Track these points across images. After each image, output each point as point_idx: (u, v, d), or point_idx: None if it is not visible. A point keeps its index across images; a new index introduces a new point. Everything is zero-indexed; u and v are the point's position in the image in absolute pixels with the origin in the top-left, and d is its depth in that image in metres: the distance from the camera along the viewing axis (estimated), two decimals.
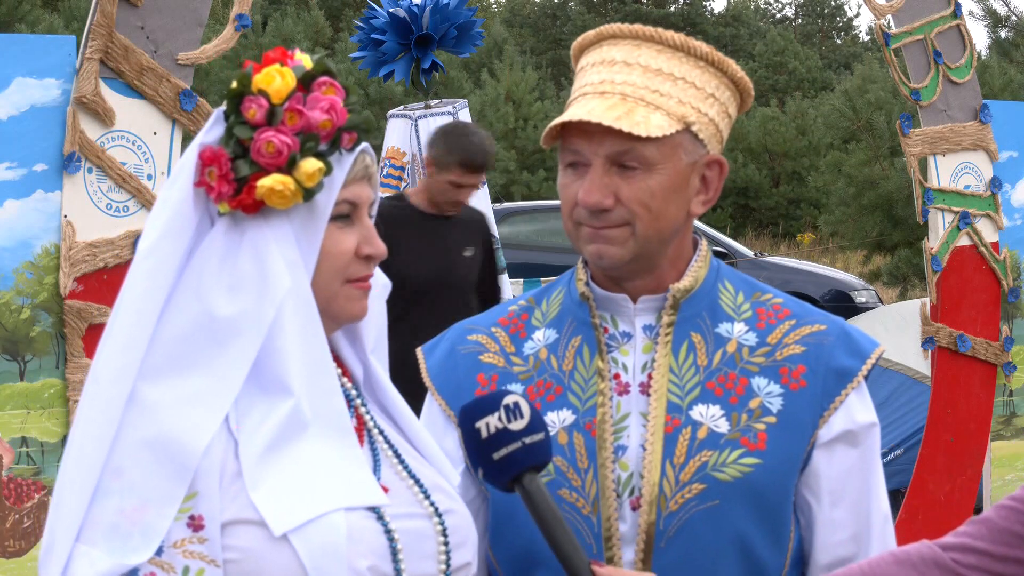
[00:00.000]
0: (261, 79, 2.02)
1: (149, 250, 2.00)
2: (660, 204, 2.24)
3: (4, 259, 4.53)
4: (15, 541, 4.54)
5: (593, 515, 2.25)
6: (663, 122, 2.23)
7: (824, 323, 2.35)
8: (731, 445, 2.25)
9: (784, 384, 2.29)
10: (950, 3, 5.99)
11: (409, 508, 2.07)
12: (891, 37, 5.83)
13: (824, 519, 2.30)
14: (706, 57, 2.30)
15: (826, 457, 2.29)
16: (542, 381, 2.34)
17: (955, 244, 5.94)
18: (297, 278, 2.02)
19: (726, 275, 2.39)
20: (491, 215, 9.44)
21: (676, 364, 2.29)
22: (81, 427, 1.98)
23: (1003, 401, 6.14)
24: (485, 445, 2.03)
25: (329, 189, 2.03)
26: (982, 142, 6.00)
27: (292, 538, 1.93)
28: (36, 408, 4.59)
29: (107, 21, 4.57)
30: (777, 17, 50.50)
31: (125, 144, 4.65)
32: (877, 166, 16.48)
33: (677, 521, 2.23)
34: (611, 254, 2.26)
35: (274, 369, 2.00)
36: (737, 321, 2.34)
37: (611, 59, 2.30)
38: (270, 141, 1.99)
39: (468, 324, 2.47)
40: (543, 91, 25.45)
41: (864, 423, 2.32)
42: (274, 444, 1.98)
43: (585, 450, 2.27)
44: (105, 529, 1.93)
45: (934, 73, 5.91)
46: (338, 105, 2.04)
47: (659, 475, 2.23)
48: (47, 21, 18.25)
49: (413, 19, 8.89)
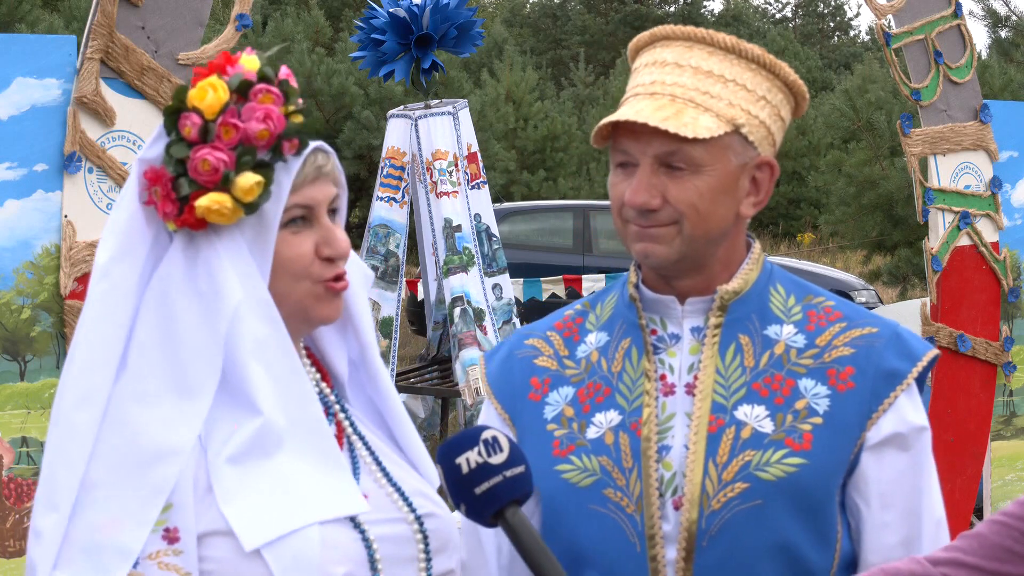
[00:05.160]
0: (194, 94, 2.00)
1: (102, 273, 2.00)
2: (708, 205, 2.25)
3: (4, 259, 4.53)
4: (15, 541, 4.54)
5: (637, 514, 2.26)
6: (711, 123, 2.23)
7: (876, 325, 2.34)
8: (775, 445, 2.25)
9: (832, 386, 2.28)
10: (951, 3, 5.99)
11: (388, 513, 2.07)
12: (892, 37, 5.83)
13: (874, 523, 2.29)
14: (758, 60, 2.30)
15: (875, 460, 2.28)
16: (592, 383, 2.36)
17: (955, 244, 5.94)
18: (250, 289, 2.01)
19: (779, 278, 2.39)
20: (491, 215, 9.45)
21: (722, 365, 2.30)
22: (51, 455, 1.98)
23: (1003, 401, 6.14)
24: (466, 480, 2.02)
25: (277, 196, 2.01)
26: (982, 142, 6.00)
27: (264, 552, 1.94)
28: (36, 408, 4.59)
29: (107, 21, 4.57)
30: (777, 17, 50.48)
31: (126, 144, 4.65)
32: (877, 166, 16.48)
33: (719, 520, 2.23)
34: (658, 253, 2.27)
35: (239, 383, 2.00)
36: (786, 323, 2.33)
37: (663, 60, 2.31)
38: (205, 159, 1.97)
39: (527, 329, 2.50)
40: (543, 91, 25.45)
41: (915, 425, 2.30)
42: (244, 458, 1.97)
43: (630, 450, 2.28)
44: (82, 547, 1.93)
45: (934, 73, 5.91)
46: (274, 113, 2.00)
47: (701, 474, 2.24)
48: (47, 21, 18.24)
49: (413, 19, 8.89)
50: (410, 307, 13.83)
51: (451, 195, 9.02)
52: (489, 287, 9.22)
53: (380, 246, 9.23)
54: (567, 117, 23.58)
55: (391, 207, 9.23)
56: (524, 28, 41.10)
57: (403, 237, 9.28)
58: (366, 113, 19.57)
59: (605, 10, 42.04)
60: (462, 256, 9.02)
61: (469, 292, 9.00)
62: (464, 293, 8.98)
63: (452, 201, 9.03)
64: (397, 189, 9.21)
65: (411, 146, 9.13)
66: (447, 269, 9.00)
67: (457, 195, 9.05)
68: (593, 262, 15.50)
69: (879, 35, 5.82)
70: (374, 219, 9.22)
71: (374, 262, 9.14)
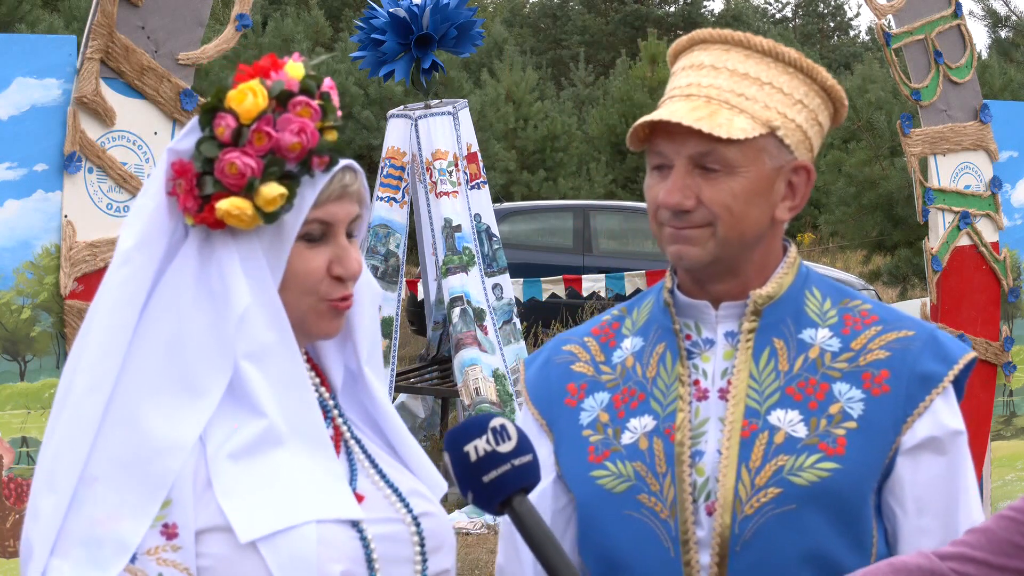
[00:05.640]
0: (233, 96, 1.99)
1: (124, 258, 2.00)
2: (742, 207, 2.24)
3: (4, 259, 4.53)
4: (15, 541, 4.54)
5: (671, 519, 2.25)
6: (746, 125, 2.23)
7: (912, 329, 2.32)
8: (808, 450, 2.23)
9: (866, 390, 2.27)
10: (951, 3, 5.99)
11: (384, 513, 2.08)
12: (892, 37, 5.83)
13: (910, 527, 2.27)
14: (795, 63, 2.30)
15: (911, 464, 2.26)
16: (627, 388, 2.35)
17: (955, 244, 5.94)
18: (260, 294, 2.01)
19: (815, 282, 2.37)
20: (491, 215, 9.45)
21: (756, 370, 2.29)
22: (56, 438, 1.98)
23: (1003, 401, 6.14)
24: (474, 468, 2.02)
25: (298, 209, 2.01)
26: (982, 142, 6.00)
27: (261, 547, 1.94)
28: (36, 408, 4.59)
29: (108, 21, 4.57)
30: (777, 17, 50.47)
31: (126, 144, 4.65)
32: (877, 166, 16.49)
33: (752, 525, 2.22)
34: (691, 255, 2.26)
35: (243, 384, 2.00)
36: (822, 327, 2.32)
37: (700, 63, 2.31)
38: (233, 163, 1.97)
39: (565, 335, 2.49)
40: (543, 91, 25.44)
41: (951, 429, 2.28)
42: (245, 454, 1.98)
43: (664, 455, 2.28)
44: (79, 539, 1.94)
45: (934, 73, 5.91)
46: (309, 128, 1.99)
47: (734, 479, 2.23)
48: (47, 21, 18.22)
49: (413, 19, 8.89)
50: (410, 307, 13.83)
51: (451, 195, 9.02)
52: (489, 287, 9.22)
53: (380, 246, 9.23)
54: (567, 117, 23.57)
55: (391, 207, 9.23)
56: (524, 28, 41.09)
57: (403, 237, 9.28)
58: (366, 113, 19.58)
59: (605, 10, 42.02)
60: (462, 256, 9.02)
61: (469, 292, 9.00)
62: (464, 293, 8.98)
63: (452, 201, 9.03)
64: (397, 189, 9.21)
65: (411, 146, 9.13)
66: (446, 269, 9.00)
67: (457, 195, 9.05)
68: (593, 262, 15.50)
69: (879, 35, 5.82)
70: (374, 219, 9.21)
71: (374, 262, 9.14)
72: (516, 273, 11.08)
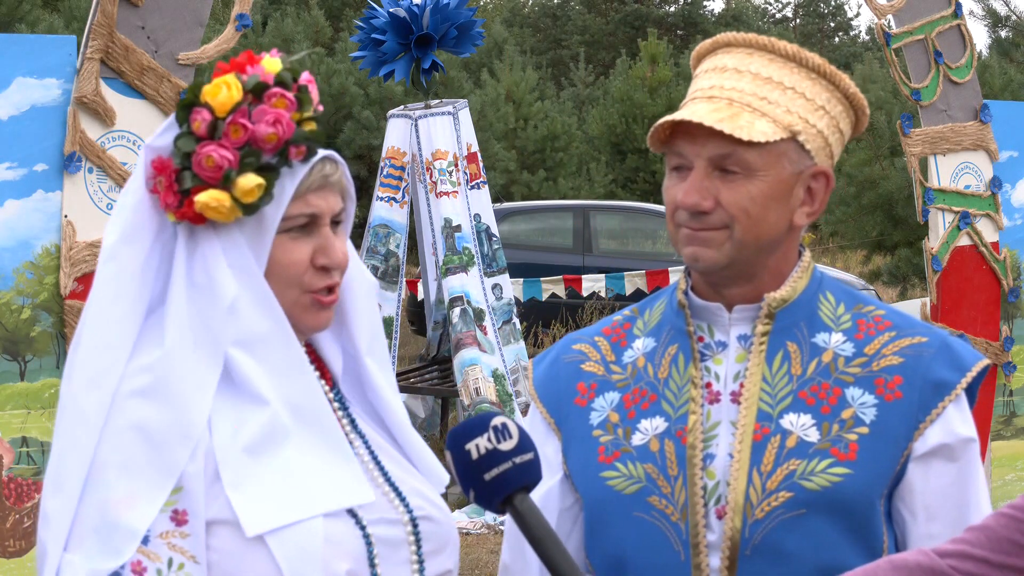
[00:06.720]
0: (208, 90, 2.01)
1: (110, 254, 2.02)
2: (760, 210, 2.24)
3: (4, 259, 4.53)
4: (15, 541, 4.54)
5: (682, 522, 2.25)
6: (767, 128, 2.22)
7: (926, 335, 2.32)
8: (820, 455, 2.23)
9: (879, 395, 2.26)
10: (951, 3, 5.99)
11: (383, 514, 2.08)
12: (892, 37, 5.83)
13: (919, 534, 2.27)
14: (818, 69, 2.29)
15: (921, 471, 2.26)
16: (638, 389, 2.35)
17: (955, 244, 5.94)
18: (247, 284, 2.02)
19: (828, 286, 2.37)
20: (491, 215, 9.45)
21: (769, 373, 2.28)
22: (60, 439, 1.99)
23: (1003, 401, 6.15)
24: (475, 466, 2.03)
25: (278, 201, 2.02)
26: (982, 142, 6.00)
27: (268, 540, 1.95)
28: (36, 408, 4.59)
29: (108, 21, 4.57)
30: (777, 17, 50.48)
31: (126, 144, 4.65)
32: (877, 166, 16.49)
33: (763, 529, 2.22)
34: (707, 257, 2.25)
35: (241, 374, 2.02)
36: (835, 332, 2.31)
37: (723, 66, 2.31)
38: (210, 155, 1.98)
39: (575, 334, 2.49)
40: (543, 91, 25.42)
41: (963, 437, 2.27)
42: (254, 448, 1.99)
43: (675, 457, 2.27)
44: (92, 527, 1.95)
45: (935, 73, 5.91)
46: (285, 118, 2.01)
47: (745, 483, 2.23)
48: (47, 21, 18.22)
49: (413, 19, 8.89)
50: (410, 307, 13.83)
51: (451, 195, 9.02)
52: (489, 287, 9.22)
53: (380, 246, 9.24)
54: (567, 117, 23.56)
55: (391, 207, 9.23)
56: (524, 28, 41.08)
57: (403, 237, 9.28)
58: (366, 113, 19.57)
59: (605, 10, 42.01)
60: (462, 256, 9.02)
61: (469, 292, 9.00)
62: (464, 293, 8.98)
63: (452, 201, 9.03)
64: (397, 189, 9.22)
65: (411, 146, 9.13)
66: (446, 269, 9.00)
67: (457, 195, 9.05)
68: (593, 262, 15.50)
69: (879, 35, 5.82)
70: (374, 219, 9.22)
71: (374, 262, 9.14)
72: (516, 273, 11.08)
